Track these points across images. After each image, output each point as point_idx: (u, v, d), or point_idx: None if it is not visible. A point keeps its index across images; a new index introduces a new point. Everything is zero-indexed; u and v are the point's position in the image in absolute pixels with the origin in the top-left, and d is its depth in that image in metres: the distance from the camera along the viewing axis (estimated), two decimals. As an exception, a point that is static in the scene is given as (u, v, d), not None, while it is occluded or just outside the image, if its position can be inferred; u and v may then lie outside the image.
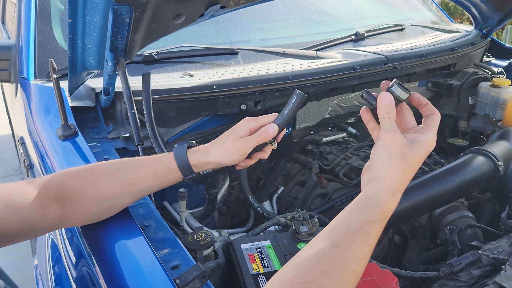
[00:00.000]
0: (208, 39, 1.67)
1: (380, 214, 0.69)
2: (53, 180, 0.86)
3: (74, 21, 0.96)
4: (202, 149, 0.90)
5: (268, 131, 0.87)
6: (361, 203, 0.71)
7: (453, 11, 5.87)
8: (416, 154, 0.73)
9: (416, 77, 1.84)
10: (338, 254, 0.64)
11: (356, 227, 0.67)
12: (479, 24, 2.01)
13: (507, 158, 1.36)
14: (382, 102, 0.74)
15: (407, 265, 1.28)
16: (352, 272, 0.64)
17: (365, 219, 0.68)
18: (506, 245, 1.03)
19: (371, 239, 0.67)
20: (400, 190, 0.72)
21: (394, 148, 0.72)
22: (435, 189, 1.24)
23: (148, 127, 1.13)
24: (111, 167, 0.89)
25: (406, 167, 0.72)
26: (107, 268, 0.81)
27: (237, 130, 0.89)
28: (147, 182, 0.89)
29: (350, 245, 0.65)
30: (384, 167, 0.72)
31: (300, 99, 0.85)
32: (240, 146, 0.86)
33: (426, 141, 0.74)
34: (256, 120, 0.89)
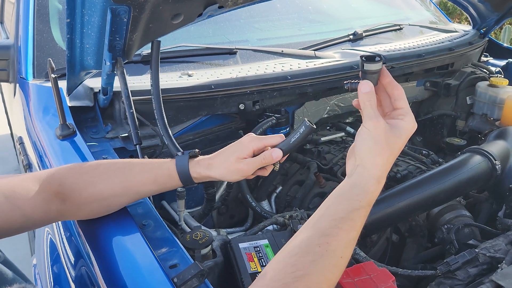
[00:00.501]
0: (206, 39, 1.67)
1: (365, 201, 0.71)
2: (57, 174, 0.87)
3: (72, 21, 0.96)
4: (204, 163, 0.90)
5: (272, 156, 0.87)
6: (346, 191, 0.73)
7: (451, 11, 5.88)
8: (398, 139, 0.75)
9: (414, 77, 1.84)
10: (326, 242, 0.66)
11: (343, 214, 0.69)
12: (477, 24, 2.02)
13: (504, 157, 1.36)
14: (362, 90, 0.76)
15: (405, 264, 1.29)
16: (340, 258, 0.66)
17: (351, 206, 0.70)
18: (503, 244, 1.04)
19: (357, 225, 0.70)
20: (384, 176, 0.75)
21: (378, 135, 0.74)
22: (432, 188, 1.25)
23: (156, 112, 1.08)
24: (113, 166, 0.90)
25: (390, 153, 0.74)
26: (105, 267, 0.82)
27: (241, 150, 0.88)
28: (146, 187, 0.90)
29: (338, 233, 0.67)
30: (370, 155, 0.74)
31: (309, 130, 0.86)
32: (243, 168, 0.87)
33: (407, 127, 0.76)
34: (261, 140, 0.89)
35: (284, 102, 1.52)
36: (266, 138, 0.90)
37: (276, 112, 1.47)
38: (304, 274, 0.62)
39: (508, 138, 1.46)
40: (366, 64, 0.76)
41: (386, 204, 1.22)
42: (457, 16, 6.02)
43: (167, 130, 1.06)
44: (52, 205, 0.84)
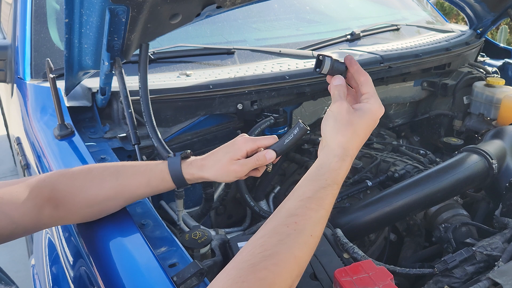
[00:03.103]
0: (205, 39, 1.67)
1: (331, 180, 0.73)
2: (48, 180, 0.86)
3: (71, 21, 0.97)
4: (197, 164, 0.90)
5: (266, 157, 0.88)
6: (313, 172, 0.75)
7: (448, 11, 5.90)
8: (361, 118, 0.78)
9: (411, 77, 1.85)
10: (294, 222, 0.67)
11: (310, 194, 0.71)
12: (473, 24, 2.03)
13: (500, 156, 1.37)
14: (333, 83, 0.83)
15: (403, 263, 1.29)
16: (310, 236, 0.67)
17: (317, 185, 0.72)
18: (500, 242, 1.04)
19: (325, 203, 0.71)
20: (349, 154, 0.76)
21: (340, 115, 0.77)
22: (430, 187, 1.25)
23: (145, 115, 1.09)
24: (106, 171, 0.90)
25: (352, 132, 0.77)
26: (105, 267, 0.82)
27: (234, 151, 0.88)
28: (140, 190, 0.90)
29: (305, 212, 0.69)
30: (331, 134, 0.77)
31: (302, 132, 0.88)
32: (236, 169, 0.87)
33: (371, 108, 0.79)
34: (255, 141, 0.89)
35: (282, 102, 1.53)
36: (260, 139, 0.90)
37: (274, 112, 1.47)
38: (271, 253, 0.63)
39: (505, 138, 1.46)
40: (319, 70, 0.83)
41: (384, 203, 1.23)
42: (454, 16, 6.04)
43: (156, 133, 1.07)
44: (44, 211, 0.83)
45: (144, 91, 1.09)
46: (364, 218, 1.20)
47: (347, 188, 1.42)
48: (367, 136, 0.80)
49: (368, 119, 0.79)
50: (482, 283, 0.90)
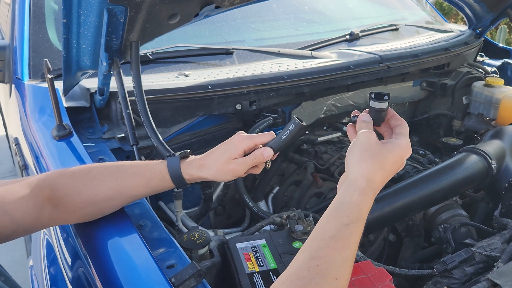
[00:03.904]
0: (203, 39, 1.67)
1: (354, 216, 0.68)
2: (47, 179, 0.86)
3: (69, 21, 0.96)
4: (196, 164, 0.89)
5: (263, 155, 0.87)
6: (334, 208, 0.70)
7: (447, 11, 5.90)
8: (389, 153, 0.74)
9: (410, 77, 1.85)
10: (316, 265, 0.62)
11: (332, 233, 0.66)
12: (472, 24, 2.02)
13: (500, 156, 1.37)
14: (360, 118, 0.79)
15: (402, 263, 1.29)
16: (335, 280, 0.62)
17: (339, 223, 0.67)
18: (499, 243, 1.04)
19: (349, 242, 0.66)
20: (372, 188, 0.71)
21: (367, 145, 0.74)
22: (429, 187, 1.25)
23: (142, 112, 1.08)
24: (105, 170, 0.90)
25: (377, 164, 0.72)
26: (102, 268, 0.81)
27: (232, 150, 0.87)
28: (139, 190, 0.90)
29: (328, 253, 0.64)
30: (355, 163, 0.73)
31: (298, 128, 0.86)
32: (234, 168, 0.87)
33: (400, 143, 0.75)
34: (252, 139, 0.88)
35: (281, 102, 1.53)
36: (256, 136, 0.89)
37: (273, 112, 1.47)
38: None
39: (504, 138, 1.46)
40: (372, 102, 0.78)
41: (383, 203, 1.23)
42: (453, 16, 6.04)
43: (155, 132, 1.06)
44: (44, 211, 0.83)
45: (138, 89, 1.08)
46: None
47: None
48: (393, 173, 0.75)
49: (396, 154, 0.74)
50: (481, 284, 0.89)
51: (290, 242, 0.98)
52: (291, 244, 0.97)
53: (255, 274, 0.87)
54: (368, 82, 1.68)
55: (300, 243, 0.97)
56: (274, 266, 0.90)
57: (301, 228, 0.99)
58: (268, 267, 0.89)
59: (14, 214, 0.79)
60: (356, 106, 1.77)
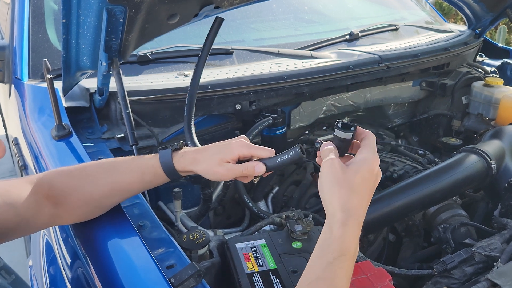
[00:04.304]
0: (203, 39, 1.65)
1: (338, 251, 0.65)
2: (45, 178, 0.87)
3: (68, 21, 0.96)
4: (189, 157, 0.88)
5: (255, 169, 0.84)
6: (318, 247, 0.68)
7: (447, 11, 5.90)
8: (355, 174, 0.70)
9: (410, 77, 1.85)
10: None
11: (318, 274, 0.64)
12: (472, 24, 2.02)
13: (499, 156, 1.37)
14: (323, 147, 0.75)
15: (402, 263, 1.29)
16: None
17: (325, 262, 0.65)
18: (498, 243, 1.04)
19: (336, 281, 0.64)
20: (352, 215, 0.68)
21: (332, 173, 0.70)
22: (428, 187, 1.25)
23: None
24: (100, 168, 0.90)
25: (347, 190, 0.69)
26: (102, 268, 0.81)
27: (226, 153, 0.86)
28: (134, 185, 0.90)
29: None
30: (327, 198, 0.70)
31: (298, 157, 0.84)
32: (222, 172, 0.85)
33: (365, 158, 0.71)
34: (249, 149, 0.86)
35: (280, 102, 1.53)
36: (255, 148, 0.87)
37: (273, 112, 1.47)
38: None
39: (503, 138, 1.46)
40: (337, 131, 0.76)
41: (382, 204, 1.23)
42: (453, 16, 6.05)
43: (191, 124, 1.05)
44: (45, 208, 0.84)
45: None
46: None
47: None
48: (370, 191, 0.71)
49: (364, 172, 0.70)
50: (481, 284, 0.89)
51: (290, 242, 0.98)
52: (290, 244, 0.97)
53: (254, 274, 0.87)
54: (368, 82, 1.68)
55: (299, 243, 0.97)
56: (273, 266, 0.90)
57: (300, 228, 0.99)
58: (267, 267, 0.89)
59: (18, 207, 0.80)
60: (356, 106, 1.77)
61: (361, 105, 1.78)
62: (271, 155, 0.86)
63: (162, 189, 1.35)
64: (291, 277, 0.86)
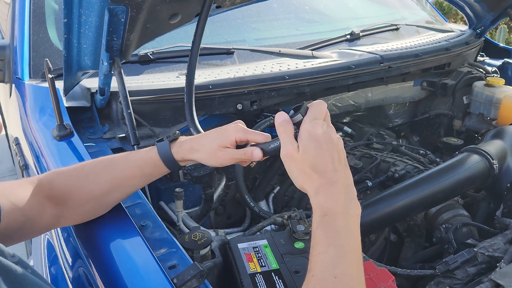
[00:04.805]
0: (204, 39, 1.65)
1: (319, 215, 0.69)
2: (45, 179, 0.87)
3: (69, 21, 0.96)
4: (187, 146, 0.89)
5: (252, 154, 0.85)
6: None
7: (447, 11, 5.90)
8: (304, 151, 0.73)
9: (411, 77, 1.84)
10: (312, 275, 0.65)
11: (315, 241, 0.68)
12: (473, 24, 2.02)
13: (501, 156, 1.37)
14: (277, 120, 0.77)
15: (403, 263, 1.29)
16: (335, 279, 0.64)
17: (314, 227, 0.70)
18: (501, 243, 1.04)
19: (326, 240, 0.68)
20: (321, 184, 0.72)
21: (293, 164, 0.75)
22: (430, 187, 1.25)
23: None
24: (98, 165, 0.91)
25: (308, 170, 0.73)
26: (104, 268, 0.81)
27: (223, 138, 0.87)
28: (135, 180, 0.90)
29: (314, 258, 0.67)
30: (300, 186, 0.76)
31: None
32: (222, 156, 0.86)
33: (303, 131, 0.74)
34: (246, 133, 0.87)
35: (281, 102, 1.52)
36: (251, 133, 0.87)
37: (274, 112, 1.46)
38: None
39: (505, 138, 1.46)
40: (291, 118, 0.77)
41: (384, 204, 1.22)
42: (453, 16, 6.05)
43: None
44: (47, 209, 0.84)
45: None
46: (364, 219, 1.17)
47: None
48: (329, 151, 0.73)
49: (309, 144, 0.73)
50: (484, 285, 0.89)
51: (292, 242, 0.98)
52: (292, 244, 0.97)
53: (257, 275, 0.87)
54: (369, 82, 1.68)
55: (301, 243, 0.97)
56: (276, 266, 0.89)
57: (302, 229, 0.99)
58: (270, 268, 0.89)
59: (22, 207, 0.80)
60: (357, 106, 1.76)
61: (362, 105, 1.78)
62: (267, 139, 0.87)
63: (163, 189, 1.35)
64: (293, 278, 0.86)
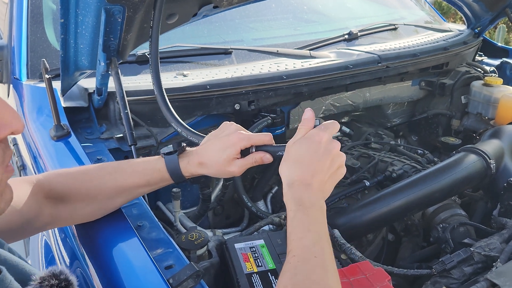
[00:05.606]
0: (202, 39, 1.66)
1: (294, 205, 0.73)
2: (45, 179, 0.87)
3: (66, 21, 0.96)
4: (195, 161, 0.89)
5: (263, 160, 0.88)
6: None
7: (446, 11, 5.90)
8: (295, 150, 0.79)
9: (409, 76, 1.84)
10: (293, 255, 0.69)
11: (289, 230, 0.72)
12: (471, 24, 2.02)
13: (498, 156, 1.37)
14: (304, 116, 0.82)
15: (401, 263, 1.29)
16: (315, 258, 0.67)
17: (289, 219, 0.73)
18: (498, 242, 1.04)
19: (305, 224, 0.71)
20: (295, 180, 0.75)
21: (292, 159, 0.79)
22: (428, 187, 1.25)
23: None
24: (103, 171, 0.90)
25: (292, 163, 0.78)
26: (100, 269, 0.81)
27: (231, 150, 0.87)
28: (140, 189, 0.91)
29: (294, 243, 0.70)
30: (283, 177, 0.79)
31: None
32: (235, 170, 0.88)
33: (313, 130, 0.79)
34: (250, 140, 0.88)
35: (279, 102, 1.52)
36: (254, 138, 0.88)
37: (272, 112, 1.46)
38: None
39: (503, 137, 1.46)
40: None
41: (381, 203, 1.22)
42: (452, 15, 6.05)
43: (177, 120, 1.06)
44: (45, 208, 0.84)
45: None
46: (361, 219, 1.19)
47: (345, 188, 1.42)
48: (315, 159, 0.76)
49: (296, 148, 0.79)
50: (480, 284, 0.89)
51: (289, 242, 0.98)
52: (289, 244, 0.97)
53: (253, 275, 0.87)
54: (367, 82, 1.68)
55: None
56: (272, 266, 0.89)
57: (299, 228, 0.99)
58: (266, 267, 0.89)
59: (20, 207, 0.80)
60: (355, 105, 1.76)
61: (360, 105, 1.78)
62: (269, 138, 0.90)
63: (161, 189, 1.35)
64: (290, 277, 0.86)
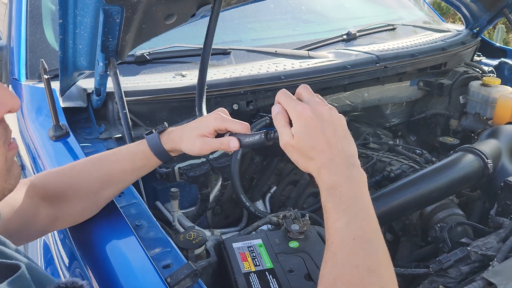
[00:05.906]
0: (200, 39, 1.65)
1: (325, 189, 0.75)
2: (37, 180, 0.88)
3: (65, 22, 0.96)
4: (175, 136, 0.90)
5: (229, 144, 0.86)
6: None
7: (445, 11, 5.90)
8: (298, 139, 0.77)
9: (407, 76, 1.85)
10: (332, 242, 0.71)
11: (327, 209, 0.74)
12: (469, 24, 2.03)
13: (496, 156, 1.37)
14: (273, 112, 0.81)
15: (399, 262, 1.29)
16: (353, 240, 0.69)
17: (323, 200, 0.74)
18: (495, 242, 1.05)
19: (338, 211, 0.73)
20: (319, 167, 0.76)
21: (293, 153, 0.79)
22: (425, 187, 1.25)
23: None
24: (89, 162, 0.92)
25: (304, 156, 0.77)
26: (98, 269, 0.82)
27: (202, 127, 0.88)
28: (127, 174, 0.92)
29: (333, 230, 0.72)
30: (304, 169, 0.79)
31: (261, 142, 0.86)
32: (199, 146, 0.87)
33: (293, 112, 0.79)
34: (224, 121, 0.87)
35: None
36: (229, 121, 0.87)
37: (270, 112, 1.46)
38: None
39: (500, 137, 1.47)
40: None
41: (379, 203, 1.23)
42: (451, 16, 6.05)
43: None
44: (41, 209, 0.85)
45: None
46: (360, 218, 1.20)
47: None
48: (323, 135, 0.74)
49: (302, 131, 0.76)
50: (477, 283, 0.90)
51: (286, 241, 0.98)
52: (287, 243, 0.97)
53: (251, 274, 0.87)
54: (365, 82, 1.68)
55: (296, 243, 0.97)
56: (270, 265, 0.90)
57: (297, 228, 0.99)
58: (264, 267, 0.89)
59: (17, 208, 0.80)
60: (353, 105, 1.77)
61: (358, 105, 1.78)
62: (246, 129, 0.87)
63: (159, 189, 1.35)
64: (287, 277, 0.86)
